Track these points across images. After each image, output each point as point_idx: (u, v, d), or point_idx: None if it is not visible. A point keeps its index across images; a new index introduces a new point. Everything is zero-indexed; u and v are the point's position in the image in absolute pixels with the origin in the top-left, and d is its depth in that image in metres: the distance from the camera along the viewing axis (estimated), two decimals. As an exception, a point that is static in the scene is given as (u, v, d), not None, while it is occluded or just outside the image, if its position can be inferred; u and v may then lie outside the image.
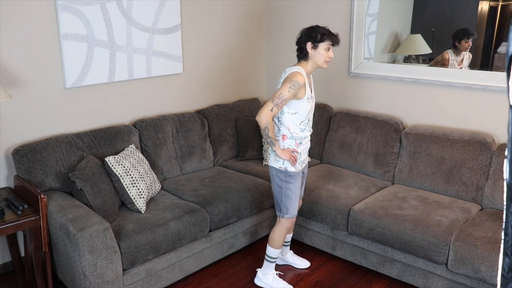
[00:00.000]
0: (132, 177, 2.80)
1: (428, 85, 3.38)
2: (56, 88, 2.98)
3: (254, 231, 3.27)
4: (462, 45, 3.36)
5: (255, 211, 3.21)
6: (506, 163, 0.82)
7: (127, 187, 2.77)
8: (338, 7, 3.77)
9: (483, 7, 3.37)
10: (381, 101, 3.66)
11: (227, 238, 3.08)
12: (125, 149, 3.03)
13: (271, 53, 4.37)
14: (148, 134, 3.30)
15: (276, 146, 2.51)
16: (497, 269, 2.07)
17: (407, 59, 3.74)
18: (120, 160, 2.82)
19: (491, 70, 3.27)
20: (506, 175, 0.82)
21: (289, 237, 3.01)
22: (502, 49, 3.28)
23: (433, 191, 3.16)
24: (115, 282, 2.45)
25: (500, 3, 3.37)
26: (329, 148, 3.72)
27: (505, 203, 0.83)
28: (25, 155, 2.70)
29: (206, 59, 3.89)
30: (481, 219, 2.74)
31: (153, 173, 3.10)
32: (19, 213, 2.48)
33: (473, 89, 3.15)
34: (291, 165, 2.57)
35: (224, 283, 2.92)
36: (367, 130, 3.51)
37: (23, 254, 2.97)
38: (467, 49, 3.35)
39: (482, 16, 3.37)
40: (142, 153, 3.23)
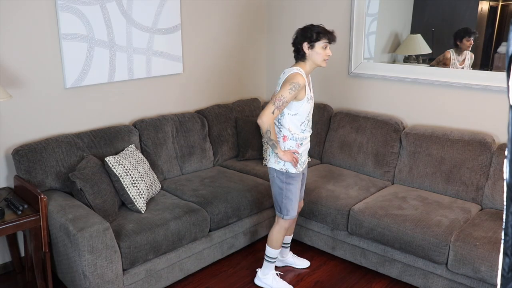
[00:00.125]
0: (132, 177, 2.80)
1: (428, 85, 3.38)
2: (56, 88, 2.98)
3: (254, 231, 3.27)
4: (463, 44, 3.36)
5: (255, 211, 3.21)
6: (506, 163, 0.82)
7: (127, 187, 2.77)
8: (338, 7, 3.77)
9: (483, 7, 3.37)
10: (381, 101, 3.66)
11: (227, 238, 3.08)
12: (125, 149, 3.04)
13: (271, 53, 4.37)
14: (148, 134, 3.30)
15: (278, 148, 2.50)
16: (497, 269, 2.07)
17: (407, 59, 3.74)
18: (120, 160, 2.82)
19: (491, 70, 3.27)
20: (506, 175, 0.82)
21: (289, 239, 3.01)
22: (502, 49, 3.28)
23: (433, 191, 3.16)
24: (115, 282, 2.45)
25: (500, 3, 3.36)
26: (329, 148, 3.72)
27: (505, 203, 0.83)
28: (25, 155, 2.70)
29: (206, 59, 3.89)
30: (481, 219, 2.74)
31: (153, 173, 3.10)
32: (19, 213, 2.48)
33: (473, 89, 3.15)
34: (293, 167, 2.57)
35: (224, 283, 2.92)
36: (367, 130, 3.51)
37: (23, 254, 2.97)
38: (468, 48, 3.35)
39: (482, 16, 3.37)
40: (142, 153, 3.23)
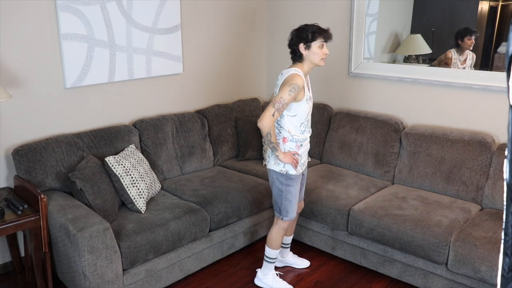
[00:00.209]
0: (132, 177, 2.80)
1: (428, 85, 3.38)
2: (56, 88, 2.98)
3: (254, 231, 3.27)
4: (465, 43, 3.35)
5: (255, 211, 3.21)
6: (506, 163, 0.82)
7: (127, 187, 2.77)
8: (338, 7, 3.77)
9: (483, 7, 3.37)
10: (381, 101, 3.66)
11: (227, 238, 3.08)
12: (125, 149, 3.03)
13: (271, 53, 4.37)
14: (148, 134, 3.30)
15: (278, 151, 2.49)
16: (497, 269, 2.07)
17: (407, 59, 3.74)
18: (120, 160, 2.82)
19: (491, 70, 3.27)
20: (506, 175, 0.82)
21: (289, 239, 3.01)
22: (502, 49, 3.28)
23: (433, 191, 3.16)
24: (115, 282, 2.45)
25: (500, 3, 3.36)
26: (329, 148, 3.72)
27: (505, 203, 0.83)
28: (25, 155, 2.70)
29: (206, 59, 3.89)
30: (481, 219, 2.74)
31: (153, 173, 3.10)
32: (19, 213, 2.48)
33: (473, 89, 3.15)
34: (293, 168, 2.56)
35: (224, 283, 2.92)
36: (367, 130, 3.51)
37: (23, 254, 2.97)
38: (470, 47, 3.34)
39: (482, 16, 3.37)
40: (142, 153, 3.23)
